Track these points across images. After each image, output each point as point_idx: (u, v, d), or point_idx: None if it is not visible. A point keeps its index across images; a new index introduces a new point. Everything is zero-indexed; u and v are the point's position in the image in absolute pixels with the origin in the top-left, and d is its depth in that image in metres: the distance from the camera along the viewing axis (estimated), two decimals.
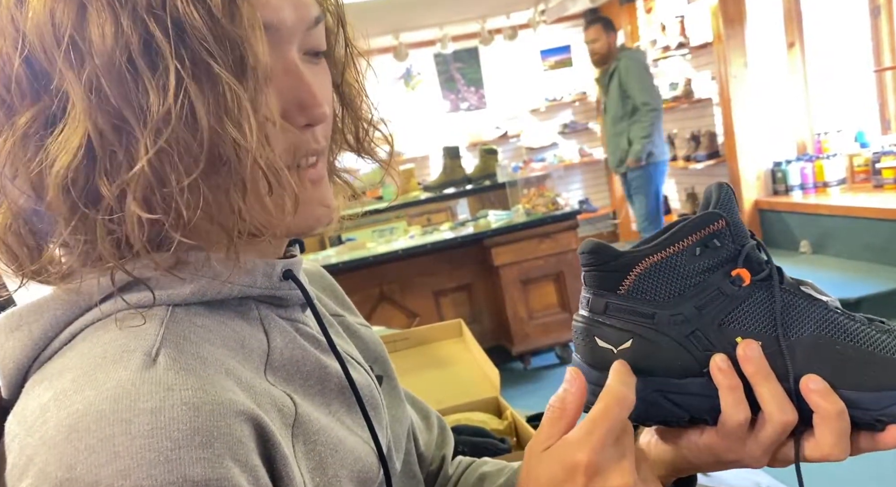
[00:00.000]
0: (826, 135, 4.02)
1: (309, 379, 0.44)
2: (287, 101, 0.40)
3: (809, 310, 0.44)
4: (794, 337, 0.43)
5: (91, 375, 0.34)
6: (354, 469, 0.42)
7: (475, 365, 1.64)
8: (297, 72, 0.40)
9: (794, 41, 4.03)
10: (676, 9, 4.80)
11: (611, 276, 0.45)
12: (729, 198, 0.45)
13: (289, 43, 0.40)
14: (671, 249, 0.44)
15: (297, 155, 0.42)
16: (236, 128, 0.35)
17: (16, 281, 0.39)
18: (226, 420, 0.34)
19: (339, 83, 0.48)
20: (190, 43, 0.34)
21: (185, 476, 0.31)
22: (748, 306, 0.44)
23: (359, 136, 0.50)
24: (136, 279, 0.38)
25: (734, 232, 0.44)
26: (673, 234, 0.44)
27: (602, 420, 0.40)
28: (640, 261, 0.44)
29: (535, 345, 3.26)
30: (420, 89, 5.79)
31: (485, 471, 0.61)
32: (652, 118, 3.78)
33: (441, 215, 4.08)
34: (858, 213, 3.39)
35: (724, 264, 0.44)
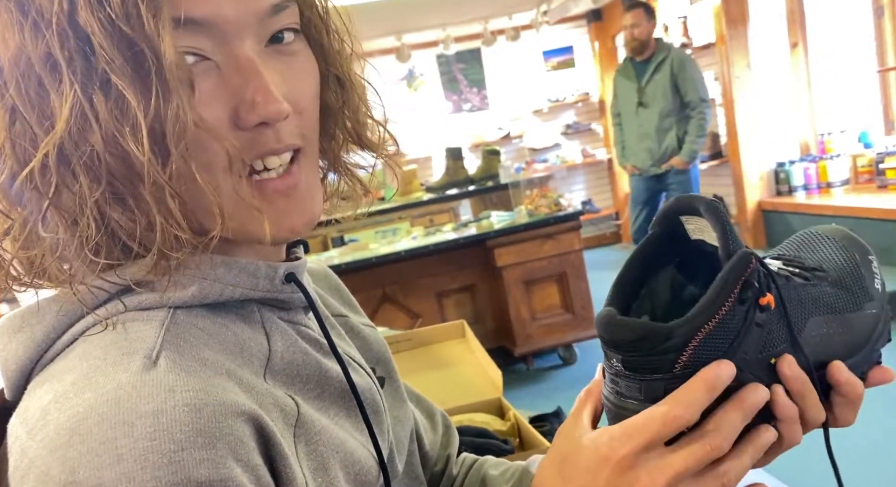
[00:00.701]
0: (829, 135, 4.01)
1: (309, 383, 0.43)
2: (238, 100, 0.38)
3: (797, 293, 0.43)
4: (803, 329, 0.43)
5: (91, 377, 0.34)
6: (353, 471, 0.42)
7: (478, 366, 1.64)
8: (249, 67, 0.38)
9: (798, 42, 4.02)
10: (679, 9, 4.79)
11: (664, 358, 0.39)
12: (729, 221, 0.41)
13: (237, 37, 0.38)
14: (724, 310, 0.39)
15: (249, 157, 0.39)
16: (134, 140, 0.34)
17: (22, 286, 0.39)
18: (227, 421, 0.34)
19: (329, 73, 0.46)
20: (89, 53, 0.34)
21: (189, 477, 0.31)
22: (773, 324, 0.41)
23: (357, 130, 0.49)
24: (138, 281, 0.38)
25: (759, 262, 0.40)
26: (720, 292, 0.39)
27: (649, 424, 0.38)
28: (696, 335, 0.39)
29: (538, 346, 3.26)
30: (422, 90, 5.79)
31: (488, 474, 0.61)
32: (708, 116, 3.59)
33: (444, 216, 4.08)
34: (862, 214, 3.38)
35: (757, 297, 0.40)
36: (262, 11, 0.39)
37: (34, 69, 0.34)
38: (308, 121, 0.43)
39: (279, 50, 0.41)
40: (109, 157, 0.35)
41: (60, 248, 0.36)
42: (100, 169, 0.35)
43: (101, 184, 0.35)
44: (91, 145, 0.34)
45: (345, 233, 3.45)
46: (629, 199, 4.10)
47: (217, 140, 0.37)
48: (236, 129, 0.38)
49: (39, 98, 0.34)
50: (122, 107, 0.34)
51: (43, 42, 0.34)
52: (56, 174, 0.35)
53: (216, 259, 0.40)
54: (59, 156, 0.34)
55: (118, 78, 0.34)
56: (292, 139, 0.41)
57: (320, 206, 0.44)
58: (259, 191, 0.40)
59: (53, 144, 0.34)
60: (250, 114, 0.38)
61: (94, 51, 0.34)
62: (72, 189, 0.35)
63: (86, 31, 0.33)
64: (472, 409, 1.38)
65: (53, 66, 0.34)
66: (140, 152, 0.34)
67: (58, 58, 0.34)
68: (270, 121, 0.39)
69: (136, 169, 0.35)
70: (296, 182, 0.41)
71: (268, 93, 0.38)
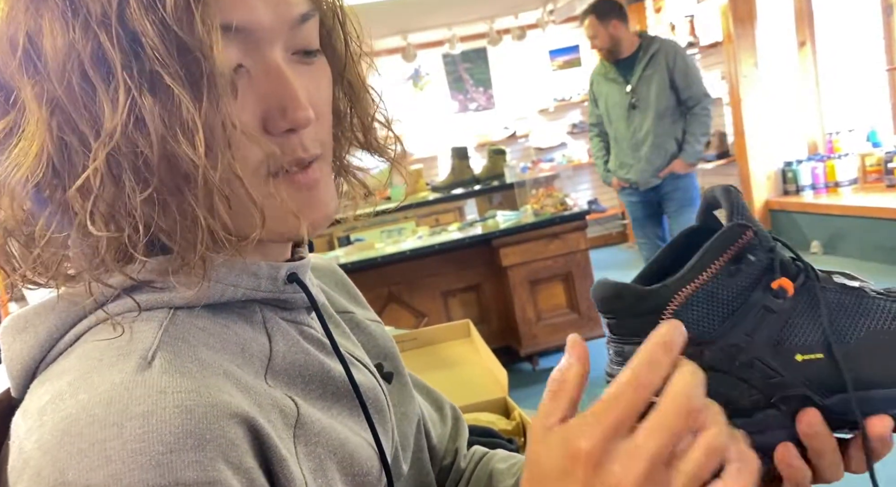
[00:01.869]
0: (837, 134, 3.98)
1: (311, 383, 0.43)
2: (268, 105, 0.39)
3: (856, 305, 0.40)
4: (848, 338, 0.39)
5: (87, 378, 0.34)
6: (351, 472, 0.42)
7: (483, 365, 1.64)
8: (279, 74, 0.39)
9: (805, 40, 4.00)
10: (686, 8, 4.77)
11: (643, 321, 0.38)
12: (742, 203, 0.40)
13: (269, 44, 0.39)
14: (705, 275, 0.38)
15: (281, 162, 0.40)
16: (187, 142, 0.34)
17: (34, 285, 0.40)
18: (219, 423, 0.34)
19: (340, 80, 0.47)
20: (142, 54, 0.34)
21: (177, 479, 0.31)
22: (797, 317, 0.39)
23: (366, 133, 0.49)
24: (140, 282, 0.38)
25: (762, 240, 0.39)
26: (702, 257, 0.39)
27: (612, 404, 0.32)
28: (674, 297, 0.39)
29: (544, 346, 3.25)
30: (428, 90, 5.79)
31: (495, 468, 0.61)
32: (711, 112, 3.09)
33: (449, 215, 4.08)
34: (870, 213, 3.36)
35: (762, 277, 0.39)
36: (293, 20, 0.40)
37: (84, 68, 0.34)
38: (325, 127, 0.44)
39: (300, 59, 0.42)
40: (160, 160, 0.35)
41: (103, 249, 0.36)
42: (148, 171, 0.35)
43: (150, 186, 0.35)
44: (141, 148, 0.34)
45: (350, 232, 3.46)
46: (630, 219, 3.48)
47: (256, 143, 0.38)
48: (266, 134, 0.39)
49: (87, 97, 0.34)
50: (175, 110, 0.34)
51: (94, 40, 0.33)
52: (107, 177, 0.34)
53: (218, 259, 0.40)
54: (110, 159, 0.34)
55: (172, 80, 0.34)
56: (315, 147, 0.42)
57: (336, 205, 0.45)
58: (283, 187, 0.41)
59: (107, 147, 0.34)
60: (280, 120, 0.39)
61: (146, 52, 0.34)
62: (121, 191, 0.35)
63: (137, 31, 0.33)
64: (478, 409, 1.38)
65: (105, 66, 0.34)
66: (195, 156, 0.34)
67: (111, 57, 0.33)
68: (298, 127, 0.40)
69: (184, 171, 0.35)
70: (316, 178, 0.42)
71: (297, 99, 0.39)
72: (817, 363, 0.39)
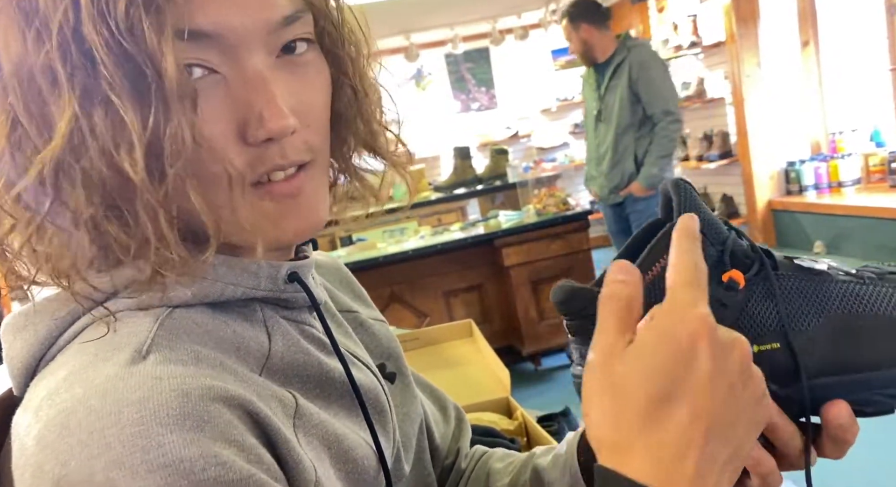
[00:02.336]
0: (841, 134, 3.97)
1: (308, 383, 0.43)
2: (245, 114, 0.37)
3: (816, 289, 0.39)
4: (805, 326, 0.38)
5: (82, 372, 0.35)
6: (346, 469, 0.42)
7: (485, 365, 1.64)
8: (257, 82, 0.37)
9: (809, 40, 3.99)
10: (689, 8, 4.76)
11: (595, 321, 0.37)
12: (691, 195, 0.39)
13: (247, 49, 0.37)
14: (650, 274, 0.38)
15: (255, 173, 0.39)
16: (128, 157, 0.33)
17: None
18: (215, 405, 0.34)
19: (343, 82, 0.45)
20: (89, 66, 0.33)
21: (180, 457, 0.31)
22: (752, 307, 0.38)
23: (370, 137, 0.48)
24: (118, 288, 0.39)
25: (711, 234, 0.38)
26: (647, 257, 0.38)
27: (685, 271, 0.34)
28: None
29: (546, 346, 3.25)
30: (430, 89, 5.79)
31: (492, 467, 0.61)
32: (675, 132, 2.84)
33: (451, 215, 4.08)
34: (874, 214, 3.35)
35: (712, 271, 0.37)
36: (273, 23, 0.38)
37: (35, 79, 0.34)
38: (317, 133, 0.42)
39: (291, 61, 0.40)
40: (107, 173, 0.34)
41: (65, 254, 0.36)
42: (97, 184, 0.35)
43: (96, 199, 0.35)
44: (88, 160, 0.34)
45: (353, 232, 3.46)
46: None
47: (219, 160, 0.37)
48: (243, 144, 0.38)
49: (39, 108, 0.34)
50: (119, 125, 0.34)
51: (45, 53, 0.33)
52: (52, 187, 0.34)
53: (218, 258, 0.40)
54: (57, 169, 0.34)
55: (116, 95, 0.33)
56: (298, 155, 0.40)
57: (325, 213, 0.43)
58: (262, 197, 0.40)
59: (50, 158, 0.34)
60: (257, 129, 0.37)
61: (95, 65, 0.33)
62: (68, 202, 0.35)
63: (88, 44, 0.33)
64: (480, 408, 1.38)
65: (53, 78, 0.33)
66: (134, 171, 0.34)
67: (58, 70, 0.33)
68: (276, 137, 0.38)
69: (132, 186, 0.34)
70: (300, 186, 0.41)
71: (275, 108, 0.37)
72: (774, 353, 0.38)
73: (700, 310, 0.33)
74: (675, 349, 0.32)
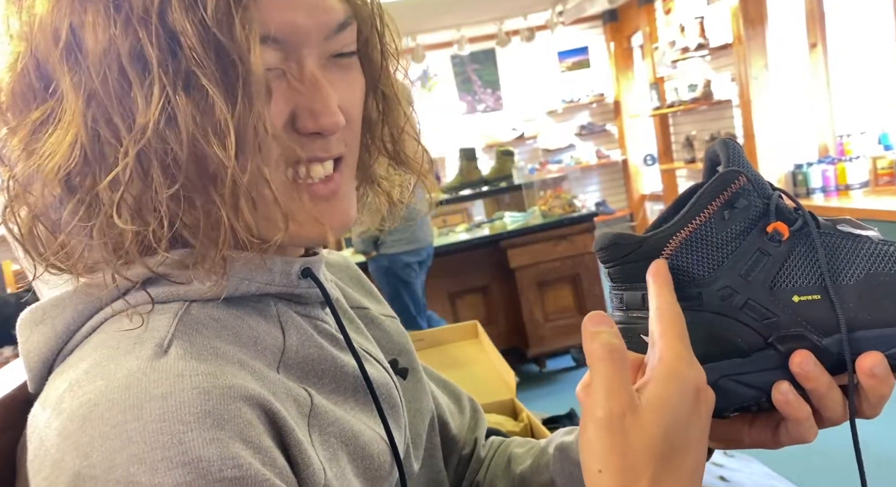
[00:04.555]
0: (849, 137, 3.95)
1: (324, 378, 0.44)
2: (298, 108, 0.40)
3: (855, 249, 0.41)
4: (846, 281, 0.40)
5: (104, 366, 0.35)
6: (362, 465, 0.42)
7: (491, 366, 1.64)
8: (314, 80, 0.40)
9: (817, 42, 3.98)
10: (696, 9, 4.75)
11: (640, 266, 0.41)
12: (739, 152, 0.42)
13: (307, 50, 0.40)
14: (698, 220, 0.40)
15: (298, 159, 0.40)
16: (218, 143, 0.35)
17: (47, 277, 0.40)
18: (235, 404, 0.34)
19: (374, 89, 0.47)
20: (179, 53, 0.34)
21: (199, 456, 0.31)
22: (794, 260, 0.40)
23: (395, 145, 0.50)
24: (159, 275, 0.39)
25: (757, 186, 0.41)
26: (695, 204, 0.41)
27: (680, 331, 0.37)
28: (668, 242, 0.41)
29: (551, 348, 3.25)
30: (437, 91, 5.80)
31: (513, 452, 0.62)
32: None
33: (457, 217, 4.08)
34: (882, 217, 3.33)
35: (757, 222, 0.40)
36: (330, 28, 0.41)
37: (122, 63, 0.34)
38: (353, 131, 0.44)
39: (336, 63, 0.43)
40: (188, 158, 0.35)
41: (128, 242, 0.36)
42: (176, 168, 0.35)
43: (177, 182, 0.35)
44: (172, 144, 0.35)
45: None
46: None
47: (278, 141, 0.39)
48: (291, 132, 0.40)
49: (123, 91, 0.35)
50: (208, 111, 0.35)
51: (134, 37, 0.34)
52: (136, 171, 0.35)
53: (232, 254, 0.41)
54: (140, 154, 0.35)
55: (208, 81, 0.35)
56: (338, 148, 0.43)
57: (355, 212, 0.45)
58: (305, 196, 0.41)
59: (139, 142, 0.34)
60: (309, 122, 0.40)
61: (184, 52, 0.34)
62: (148, 185, 0.36)
63: (176, 31, 0.34)
64: (485, 410, 1.37)
65: (143, 62, 0.34)
66: (225, 156, 0.35)
67: (148, 54, 0.34)
68: (326, 132, 0.40)
69: (212, 171, 0.36)
70: (337, 187, 0.43)
71: (328, 105, 0.40)
72: (814, 304, 0.40)
73: (696, 363, 0.37)
74: (688, 406, 0.35)
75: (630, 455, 0.34)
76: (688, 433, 0.35)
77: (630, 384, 0.36)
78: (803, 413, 0.39)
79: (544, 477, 0.57)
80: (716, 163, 0.43)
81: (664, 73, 5.14)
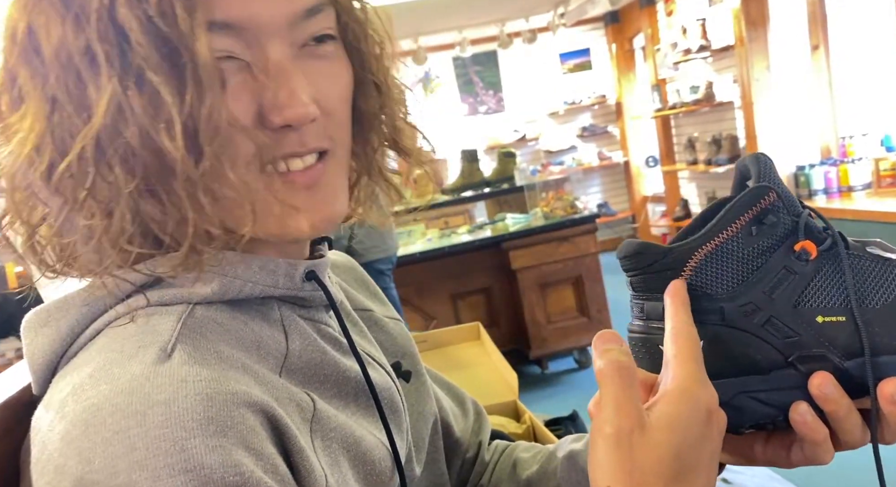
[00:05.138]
0: (851, 138, 3.94)
1: (326, 382, 0.44)
2: (265, 100, 0.38)
3: (884, 273, 0.40)
4: (872, 304, 0.40)
5: (107, 370, 0.35)
6: (364, 470, 0.42)
7: (493, 368, 1.64)
8: (279, 70, 0.38)
9: (819, 44, 3.97)
10: (698, 11, 4.75)
11: (662, 276, 0.40)
12: (771, 168, 0.41)
13: (269, 39, 0.38)
14: (725, 234, 0.40)
15: (273, 157, 0.39)
16: (168, 137, 0.35)
17: (52, 279, 0.40)
18: (239, 410, 0.34)
19: (364, 79, 0.45)
20: (126, 48, 0.35)
21: (201, 463, 0.31)
22: (820, 280, 0.40)
23: (394, 134, 0.48)
24: (151, 275, 0.39)
25: (787, 203, 0.40)
26: (723, 217, 0.40)
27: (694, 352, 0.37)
28: (693, 254, 0.40)
29: (553, 349, 3.24)
30: (438, 93, 5.80)
31: (519, 457, 0.61)
32: None
33: (459, 218, 4.08)
34: (885, 219, 3.32)
35: (785, 239, 0.40)
36: (295, 14, 0.39)
37: (74, 61, 0.35)
38: (337, 123, 0.43)
39: (312, 52, 0.41)
40: (144, 152, 0.35)
41: (95, 238, 0.37)
42: (134, 162, 0.36)
43: (136, 177, 0.36)
44: (126, 139, 0.35)
45: None
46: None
47: (247, 136, 0.38)
48: (261, 128, 0.39)
49: (78, 90, 0.35)
50: (157, 104, 0.35)
51: (83, 35, 0.35)
52: (93, 165, 0.35)
53: (236, 256, 0.41)
54: (96, 148, 0.35)
55: (154, 74, 0.35)
56: (318, 142, 0.41)
57: (343, 207, 0.44)
58: (279, 185, 0.40)
59: (91, 136, 0.35)
60: (276, 115, 0.38)
61: (132, 47, 0.35)
62: (107, 180, 0.36)
63: (124, 27, 0.34)
64: (488, 411, 1.37)
65: (92, 60, 0.35)
66: (174, 148, 0.35)
67: (96, 51, 0.35)
68: (295, 124, 0.39)
69: (169, 164, 0.35)
70: (318, 178, 0.41)
71: (294, 96, 0.38)
72: (839, 325, 0.39)
73: (710, 384, 0.37)
74: (700, 427, 0.35)
75: (638, 472, 0.34)
76: (699, 453, 0.35)
77: (639, 402, 0.36)
78: (820, 436, 0.39)
79: (552, 484, 0.57)
80: (745, 176, 0.43)
81: (666, 74, 5.14)
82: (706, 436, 0.36)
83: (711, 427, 0.36)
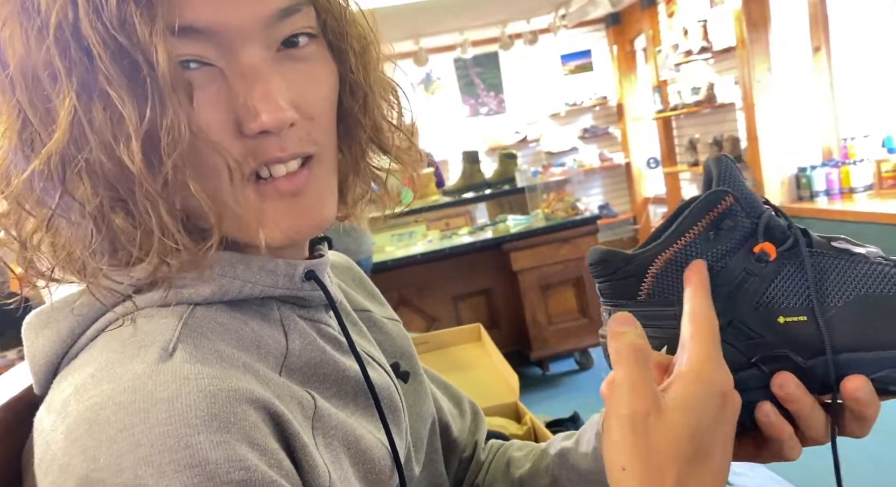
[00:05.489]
0: (852, 140, 3.94)
1: (326, 382, 0.44)
2: (240, 106, 0.38)
3: (848, 269, 0.40)
4: (834, 302, 0.40)
5: (109, 369, 0.35)
6: (364, 469, 0.42)
7: (494, 369, 1.64)
8: (253, 74, 0.37)
9: (820, 45, 3.97)
10: (699, 13, 4.75)
11: (626, 283, 0.42)
12: (731, 170, 0.41)
13: (242, 43, 0.37)
14: (682, 241, 0.41)
15: (252, 164, 0.39)
16: (125, 149, 0.34)
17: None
18: (241, 407, 0.34)
19: (347, 77, 0.44)
20: (86, 61, 0.34)
21: (206, 459, 0.31)
22: (781, 281, 0.40)
23: (377, 135, 0.48)
24: (159, 279, 0.39)
25: (746, 205, 0.41)
26: (681, 224, 0.41)
27: (712, 334, 0.37)
28: (654, 261, 0.41)
29: (554, 351, 3.24)
30: (440, 94, 5.80)
31: (512, 456, 0.62)
32: None
33: (460, 219, 4.08)
34: (886, 220, 3.32)
35: (744, 242, 0.40)
36: (269, 17, 0.38)
37: (38, 75, 0.35)
38: (321, 127, 0.42)
39: (291, 54, 0.40)
40: (108, 165, 0.35)
41: (78, 247, 0.37)
42: (100, 176, 0.35)
43: (102, 190, 0.36)
44: (90, 152, 0.35)
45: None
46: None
47: (217, 150, 0.37)
48: (239, 136, 0.38)
49: (43, 103, 0.35)
50: (117, 117, 0.35)
51: (45, 49, 0.34)
52: (60, 178, 0.35)
53: (235, 256, 0.41)
54: (62, 161, 0.35)
55: (112, 88, 0.34)
56: (300, 147, 0.40)
57: (331, 211, 0.43)
58: (262, 194, 0.40)
59: (55, 150, 0.35)
60: (252, 122, 0.38)
61: (93, 60, 0.34)
62: (74, 193, 0.36)
63: (85, 39, 0.34)
64: (489, 413, 1.38)
65: (53, 74, 0.35)
66: (132, 162, 0.35)
67: (57, 66, 0.34)
68: (273, 129, 0.38)
69: (133, 177, 0.35)
70: (302, 184, 0.41)
71: (271, 101, 0.37)
72: (800, 325, 0.40)
73: (725, 367, 0.37)
74: (714, 409, 0.36)
75: (654, 454, 0.34)
76: (714, 435, 0.36)
77: (654, 384, 0.36)
78: (785, 433, 0.39)
79: (544, 482, 0.57)
80: (712, 178, 0.43)
81: (667, 76, 5.14)
82: (721, 418, 0.36)
83: (726, 409, 0.36)
